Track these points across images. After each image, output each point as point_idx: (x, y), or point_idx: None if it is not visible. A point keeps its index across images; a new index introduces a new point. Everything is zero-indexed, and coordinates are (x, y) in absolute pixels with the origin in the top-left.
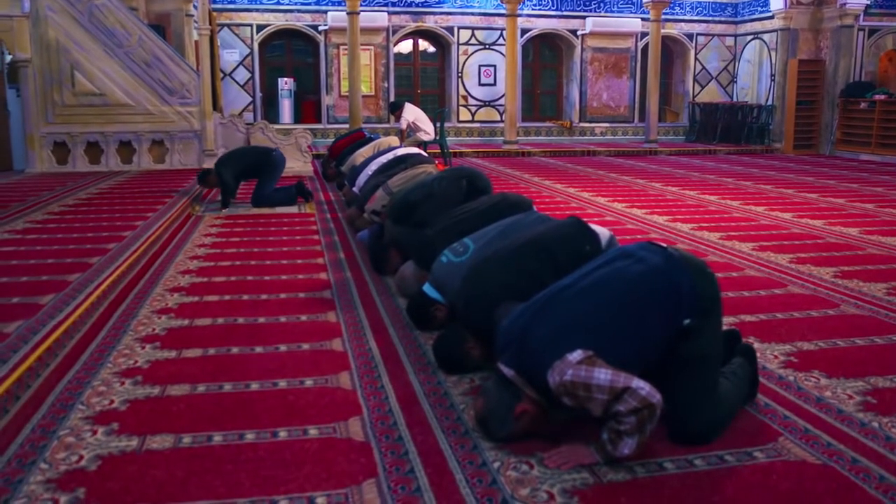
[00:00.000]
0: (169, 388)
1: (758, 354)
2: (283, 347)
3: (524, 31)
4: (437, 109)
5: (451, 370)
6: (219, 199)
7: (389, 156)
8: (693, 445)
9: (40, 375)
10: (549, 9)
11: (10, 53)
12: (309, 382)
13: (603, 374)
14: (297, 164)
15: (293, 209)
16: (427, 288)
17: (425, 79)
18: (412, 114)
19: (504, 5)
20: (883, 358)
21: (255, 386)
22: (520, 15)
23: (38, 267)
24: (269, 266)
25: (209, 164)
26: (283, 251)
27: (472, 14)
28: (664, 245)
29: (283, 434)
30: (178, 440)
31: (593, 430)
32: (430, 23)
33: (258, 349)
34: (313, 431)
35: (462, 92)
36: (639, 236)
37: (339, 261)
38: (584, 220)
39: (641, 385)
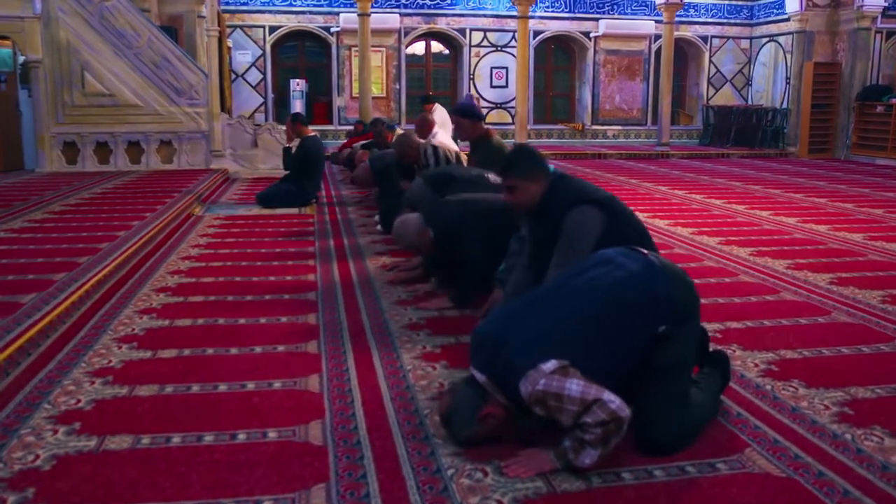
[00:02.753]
0: (137, 389)
1: (738, 362)
2: (258, 349)
3: (537, 34)
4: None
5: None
6: (221, 200)
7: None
8: (659, 456)
9: (10, 374)
10: (562, 11)
11: (22, 55)
12: (277, 385)
13: (575, 386)
14: None
15: (293, 210)
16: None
17: (437, 81)
18: (439, 117)
19: (516, 7)
20: (867, 368)
21: (222, 387)
22: (532, 17)
23: (26, 266)
24: (260, 267)
25: (217, 164)
26: (275, 252)
27: (485, 16)
28: (644, 251)
29: (241, 436)
30: (136, 441)
31: (554, 438)
32: (441, 24)
33: (233, 350)
34: (272, 434)
35: (474, 94)
36: None
37: (329, 262)
38: None
39: (612, 398)
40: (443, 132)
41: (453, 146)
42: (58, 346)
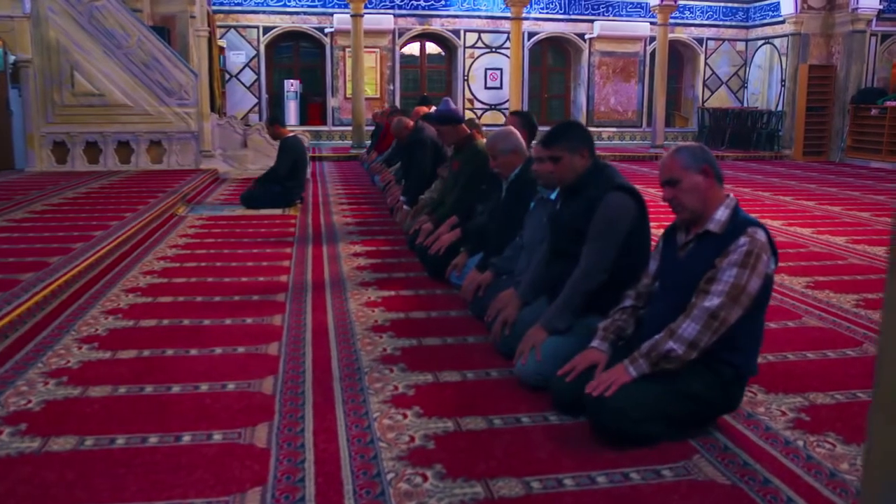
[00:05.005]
0: (90, 390)
1: None
2: (218, 350)
3: (531, 35)
4: None
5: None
6: (207, 200)
7: None
8: (602, 435)
9: None
10: (557, 12)
11: (12, 54)
12: (231, 386)
13: (755, 283)
14: None
15: (277, 211)
16: None
17: (432, 82)
18: None
19: (509, 8)
20: (829, 373)
21: (176, 389)
22: (526, 18)
23: None
24: (234, 268)
25: (206, 164)
26: (252, 253)
27: (479, 17)
28: None
29: (186, 438)
30: (80, 442)
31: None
32: (436, 25)
33: (193, 351)
34: (217, 436)
35: (468, 95)
36: None
37: (304, 263)
38: None
39: (736, 315)
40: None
41: None
42: (17, 347)
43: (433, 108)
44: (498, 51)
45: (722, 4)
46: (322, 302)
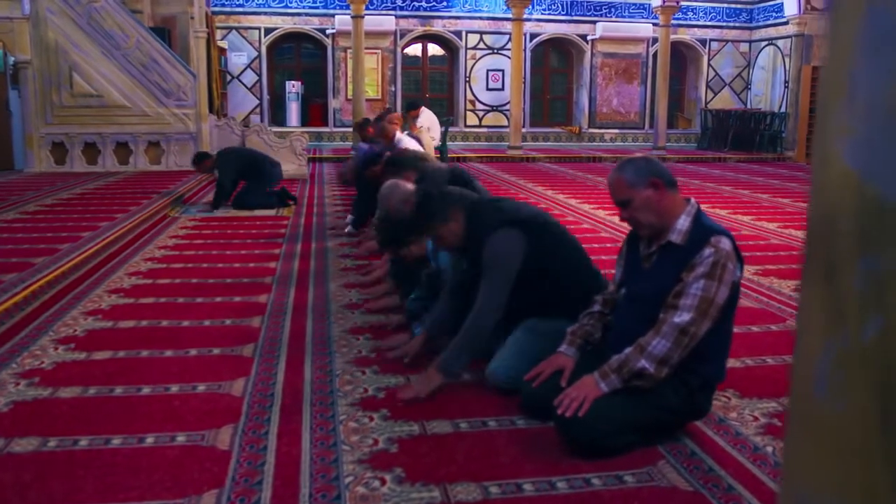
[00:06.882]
0: (60, 391)
1: None
2: (193, 351)
3: (533, 36)
4: (445, 118)
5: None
6: (202, 201)
7: None
8: (574, 447)
9: None
10: (559, 13)
11: (11, 55)
12: (201, 388)
13: (723, 293)
14: (292, 168)
15: (271, 212)
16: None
17: (433, 83)
18: (427, 120)
19: (511, 9)
20: None
21: (146, 390)
22: (527, 19)
23: None
24: (220, 269)
25: None
26: (241, 254)
27: (481, 18)
28: None
29: (149, 440)
30: (42, 443)
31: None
32: (437, 27)
33: (168, 353)
34: (181, 438)
35: (470, 96)
36: (608, 245)
37: (290, 264)
38: None
39: (705, 328)
40: (409, 139)
41: (420, 149)
42: None
43: (422, 110)
44: (500, 52)
45: (725, 5)
46: (303, 303)
